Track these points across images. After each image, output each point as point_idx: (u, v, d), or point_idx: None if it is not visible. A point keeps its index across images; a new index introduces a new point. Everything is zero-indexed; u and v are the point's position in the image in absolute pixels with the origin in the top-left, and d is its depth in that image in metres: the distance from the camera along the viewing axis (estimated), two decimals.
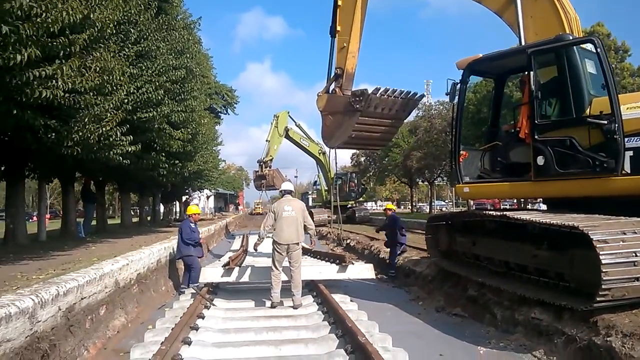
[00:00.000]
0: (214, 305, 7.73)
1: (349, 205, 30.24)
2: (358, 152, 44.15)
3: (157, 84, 10.64)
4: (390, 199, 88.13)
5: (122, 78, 8.70)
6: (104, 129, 8.53)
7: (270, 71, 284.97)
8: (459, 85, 7.90)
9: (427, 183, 46.32)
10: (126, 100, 9.66)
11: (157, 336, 5.91)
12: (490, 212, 7.42)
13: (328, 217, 29.32)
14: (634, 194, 6.23)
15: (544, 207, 9.61)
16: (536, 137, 6.73)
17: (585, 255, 5.24)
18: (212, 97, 34.75)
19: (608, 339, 4.85)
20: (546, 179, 6.70)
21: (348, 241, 18.33)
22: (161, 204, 28.18)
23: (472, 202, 25.70)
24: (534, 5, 7.37)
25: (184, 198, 36.52)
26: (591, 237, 5.02)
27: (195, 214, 10.61)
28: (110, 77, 8.13)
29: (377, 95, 9.58)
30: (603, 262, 4.85)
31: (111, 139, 9.29)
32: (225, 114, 43.15)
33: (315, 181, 31.60)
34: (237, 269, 8.72)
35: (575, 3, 7.44)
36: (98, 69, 7.46)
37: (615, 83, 6.26)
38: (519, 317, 6.28)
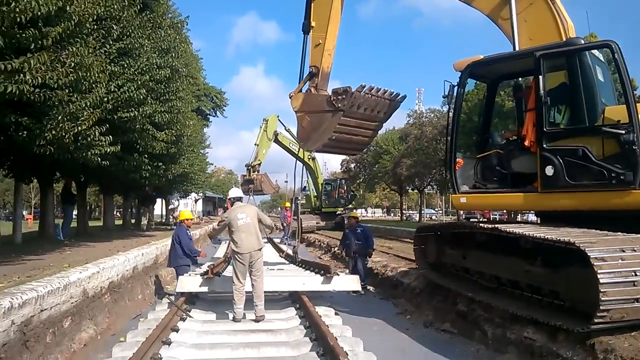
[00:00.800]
0: (190, 317, 7.32)
1: (338, 212, 29.91)
2: (348, 158, 43.90)
3: (140, 82, 10.23)
4: (380, 206, 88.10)
5: (101, 75, 8.29)
6: (80, 127, 8.15)
7: (263, 75, 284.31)
8: (456, 88, 7.43)
9: (417, 191, 46.17)
10: (106, 99, 9.26)
11: (125, 351, 5.53)
12: (482, 224, 7.07)
13: (317, 223, 29.01)
14: None
15: (533, 218, 9.23)
16: (544, 145, 6.29)
17: (582, 273, 4.94)
18: (200, 99, 34.24)
19: None
20: (555, 190, 6.26)
21: (336, 249, 17.97)
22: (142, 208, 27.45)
23: (462, 212, 25.44)
24: (529, 9, 7.03)
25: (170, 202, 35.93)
26: (588, 254, 4.72)
27: (188, 219, 10.14)
28: (88, 74, 7.74)
29: (362, 93, 8.57)
30: (601, 281, 4.56)
31: (89, 139, 8.90)
32: (214, 116, 42.62)
33: (304, 187, 31.13)
34: (216, 278, 8.32)
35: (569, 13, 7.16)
36: (73, 64, 7.06)
37: (633, 91, 5.97)
38: (510, 335, 5.95)
